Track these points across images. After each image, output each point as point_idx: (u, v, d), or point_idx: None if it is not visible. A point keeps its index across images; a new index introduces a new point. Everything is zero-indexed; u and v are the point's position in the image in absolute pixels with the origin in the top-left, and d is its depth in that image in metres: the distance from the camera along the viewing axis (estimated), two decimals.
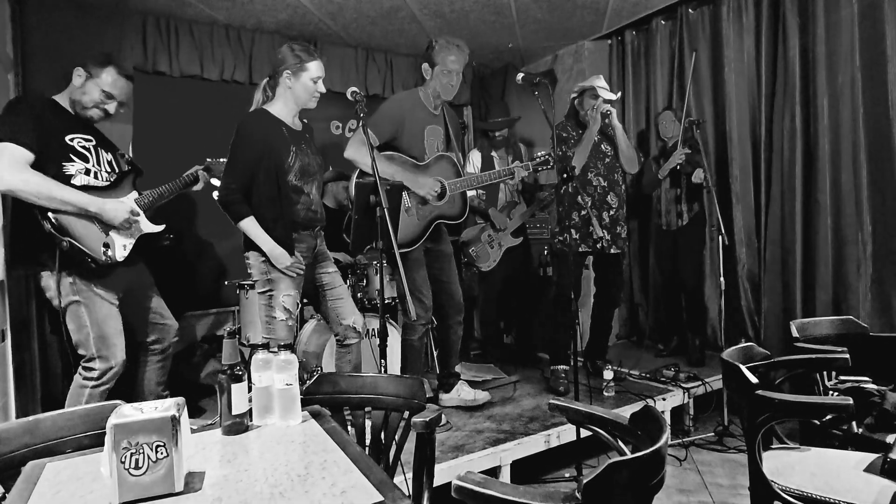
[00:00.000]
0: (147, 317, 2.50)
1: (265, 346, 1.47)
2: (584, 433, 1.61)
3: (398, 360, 3.03)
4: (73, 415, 1.42)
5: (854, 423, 2.00)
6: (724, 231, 3.31)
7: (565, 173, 2.85)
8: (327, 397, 1.65)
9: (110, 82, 2.28)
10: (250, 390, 1.42)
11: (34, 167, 2.08)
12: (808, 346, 2.10)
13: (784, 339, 2.74)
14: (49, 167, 2.13)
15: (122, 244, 2.29)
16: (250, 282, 2.47)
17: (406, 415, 1.60)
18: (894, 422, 1.91)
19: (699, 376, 3.38)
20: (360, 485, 1.07)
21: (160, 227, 2.45)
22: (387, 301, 3.38)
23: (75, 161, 2.22)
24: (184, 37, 3.85)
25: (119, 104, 2.35)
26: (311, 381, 1.67)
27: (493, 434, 2.66)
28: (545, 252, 4.31)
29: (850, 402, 1.51)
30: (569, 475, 2.76)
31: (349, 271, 3.47)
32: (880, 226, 3.15)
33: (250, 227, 2.29)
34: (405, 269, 2.25)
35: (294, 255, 2.35)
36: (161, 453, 1.05)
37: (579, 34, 4.44)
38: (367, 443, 1.66)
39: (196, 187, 2.58)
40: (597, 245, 3.33)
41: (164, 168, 2.77)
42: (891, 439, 1.82)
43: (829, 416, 1.96)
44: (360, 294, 3.45)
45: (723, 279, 3.32)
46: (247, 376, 1.40)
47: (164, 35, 3.78)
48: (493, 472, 2.48)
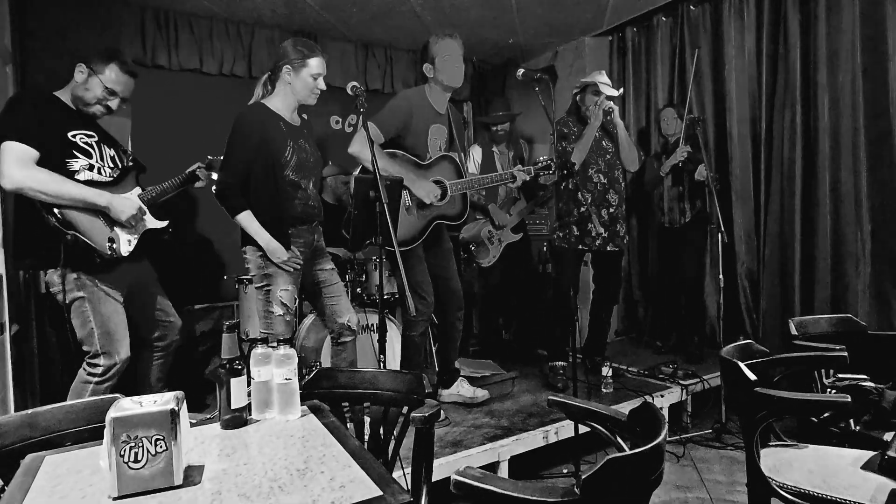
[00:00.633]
0: (151, 313, 2.48)
1: (264, 341, 1.47)
2: (582, 429, 1.61)
3: (397, 356, 3.03)
4: (73, 408, 1.42)
5: (852, 421, 2.00)
6: (723, 229, 3.31)
7: (565, 169, 2.84)
8: (326, 392, 1.65)
9: (113, 79, 2.26)
10: (249, 384, 1.42)
11: (38, 164, 2.07)
12: (807, 343, 2.10)
13: (782, 336, 2.74)
14: (52, 164, 2.11)
15: (126, 239, 2.28)
16: (249, 277, 2.46)
17: (405, 410, 1.61)
18: (892, 419, 1.92)
19: (697, 373, 3.38)
20: (359, 479, 1.07)
21: (164, 223, 2.43)
22: (386, 296, 3.38)
23: (78, 157, 2.20)
24: (183, 30, 3.84)
25: (122, 100, 2.32)
26: (310, 376, 1.67)
27: (492, 430, 2.66)
28: (545, 248, 4.31)
29: (849, 399, 1.52)
30: (567, 471, 2.77)
31: (348, 267, 3.47)
32: (879, 225, 3.15)
33: (247, 221, 2.28)
34: (405, 265, 2.24)
35: (291, 250, 2.34)
36: (160, 447, 1.05)
37: (580, 30, 4.43)
38: (366, 438, 1.66)
39: (198, 184, 2.56)
40: (595, 242, 3.33)
41: (163, 162, 2.76)
42: (888, 437, 1.82)
43: (827, 414, 1.98)
44: (359, 289, 3.44)
45: (722, 276, 3.32)
46: (246, 371, 1.40)
47: (163, 29, 3.77)
48: (492, 468, 2.48)
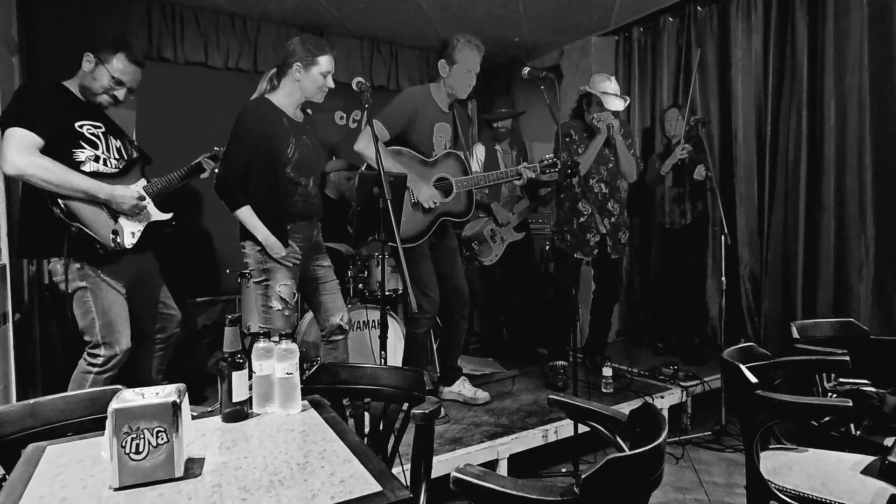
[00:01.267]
0: (153, 305, 2.49)
1: (266, 335, 1.47)
2: (581, 429, 1.61)
3: (398, 352, 3.03)
4: (75, 398, 1.43)
5: (852, 425, 2.00)
6: (726, 231, 3.30)
7: (569, 170, 2.84)
8: (327, 387, 1.66)
9: (121, 69, 2.25)
10: (251, 378, 1.42)
11: (44, 153, 2.07)
12: (809, 347, 2.10)
13: (784, 339, 2.73)
14: (58, 153, 2.11)
15: (130, 231, 2.28)
16: (248, 271, 2.46)
17: (405, 406, 1.61)
18: (892, 424, 1.92)
19: (698, 375, 3.38)
20: (358, 474, 1.07)
21: (168, 215, 2.42)
22: (388, 293, 3.38)
23: (85, 148, 2.20)
24: (189, 24, 3.84)
25: (129, 90, 2.32)
26: (311, 371, 1.68)
27: (492, 428, 2.66)
28: (546, 248, 4.30)
29: (849, 404, 1.51)
30: (566, 470, 2.77)
31: (350, 262, 3.47)
32: (883, 229, 3.14)
33: (246, 215, 2.28)
34: (410, 262, 2.24)
35: (290, 246, 2.34)
36: (161, 438, 1.06)
37: (586, 29, 4.42)
38: (366, 433, 1.66)
39: (203, 175, 2.56)
40: (594, 251, 3.33)
41: (168, 155, 2.75)
42: (889, 442, 1.82)
43: (827, 418, 1.97)
44: (360, 285, 3.45)
45: (724, 279, 3.32)
46: (248, 364, 1.40)
47: (169, 22, 3.78)
48: (491, 466, 2.49)
